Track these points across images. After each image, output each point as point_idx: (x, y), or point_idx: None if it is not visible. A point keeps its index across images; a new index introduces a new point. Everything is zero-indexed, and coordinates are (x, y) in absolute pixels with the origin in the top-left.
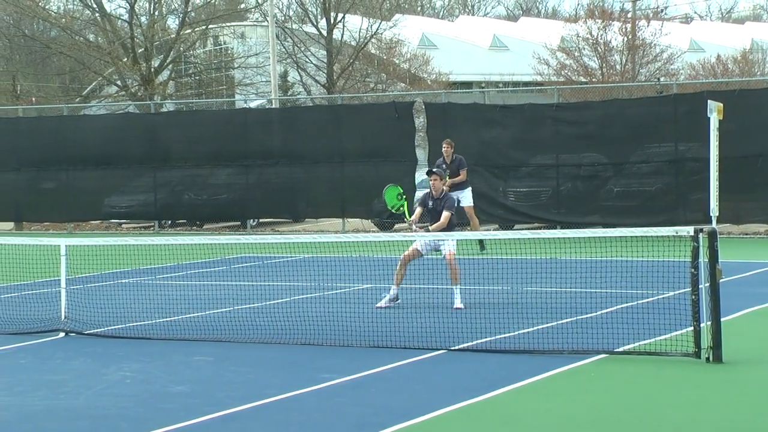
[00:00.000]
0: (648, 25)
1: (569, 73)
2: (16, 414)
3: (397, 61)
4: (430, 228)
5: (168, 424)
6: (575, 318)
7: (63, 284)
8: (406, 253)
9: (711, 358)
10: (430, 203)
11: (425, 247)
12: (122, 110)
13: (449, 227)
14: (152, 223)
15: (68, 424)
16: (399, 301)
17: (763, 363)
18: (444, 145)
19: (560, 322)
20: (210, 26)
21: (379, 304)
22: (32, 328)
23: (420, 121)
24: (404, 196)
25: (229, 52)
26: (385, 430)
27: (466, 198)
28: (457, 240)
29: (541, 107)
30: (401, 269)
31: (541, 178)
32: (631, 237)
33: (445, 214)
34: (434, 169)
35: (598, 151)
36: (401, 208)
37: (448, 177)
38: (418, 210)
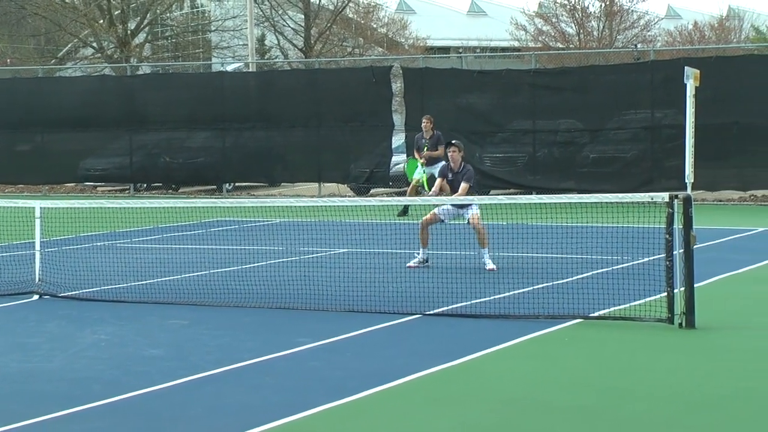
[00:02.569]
0: None
1: (547, 39)
2: None
3: (374, 26)
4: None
5: (142, 387)
6: (551, 283)
7: (37, 247)
8: (426, 217)
9: (684, 324)
10: (450, 175)
11: (446, 214)
12: (98, 72)
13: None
14: (127, 186)
15: (42, 386)
16: (428, 263)
17: (736, 329)
18: (424, 121)
19: (536, 287)
20: None
21: (409, 264)
22: (6, 291)
23: (397, 86)
24: (425, 170)
25: (206, 14)
26: (360, 393)
27: (436, 169)
28: (422, 204)
29: (519, 73)
30: (423, 232)
31: (518, 143)
32: (606, 203)
33: (464, 186)
34: (453, 141)
35: (574, 117)
36: (420, 180)
37: (425, 149)
38: (438, 181)
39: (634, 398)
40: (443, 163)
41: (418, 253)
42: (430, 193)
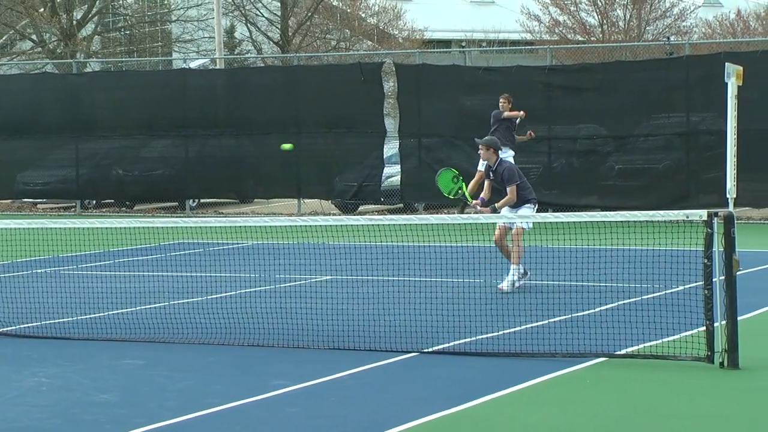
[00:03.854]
0: None
1: (564, 31)
2: None
3: (363, 15)
4: (496, 206)
5: None
6: (570, 316)
7: None
8: (496, 235)
9: (726, 363)
10: (491, 174)
11: (508, 221)
12: (38, 70)
13: (518, 199)
14: (73, 203)
15: None
16: (528, 275)
17: None
18: (501, 100)
19: (552, 320)
20: None
21: (505, 286)
22: None
23: (390, 85)
24: (460, 178)
25: (166, 2)
26: None
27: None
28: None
29: (531, 70)
30: (503, 249)
31: (531, 153)
32: (635, 222)
33: (510, 189)
34: (476, 138)
35: (597, 122)
36: (460, 191)
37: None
38: (486, 183)
39: None
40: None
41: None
42: (474, 203)
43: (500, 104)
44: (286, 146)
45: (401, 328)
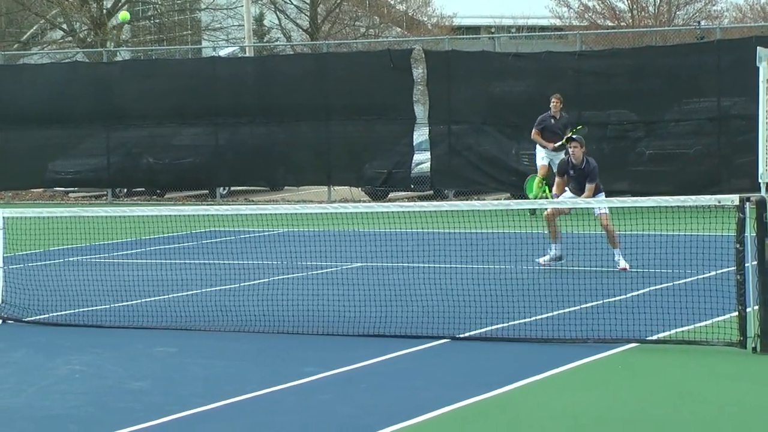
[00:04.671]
0: None
1: (593, 16)
2: None
3: (391, 2)
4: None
5: (124, 426)
6: (601, 302)
7: (0, 263)
8: (548, 210)
9: (758, 348)
10: (571, 172)
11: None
12: (69, 59)
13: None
14: (105, 192)
15: (5, 427)
16: (563, 260)
17: None
18: (553, 100)
19: (583, 306)
20: None
21: (540, 260)
22: None
23: (419, 72)
24: (545, 181)
25: None
26: None
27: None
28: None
29: (561, 56)
30: (550, 226)
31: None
32: (666, 207)
33: (589, 186)
34: (574, 136)
35: (627, 108)
36: (543, 195)
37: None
38: (558, 180)
39: None
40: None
41: (550, 250)
42: (553, 193)
43: (552, 104)
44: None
45: (432, 314)
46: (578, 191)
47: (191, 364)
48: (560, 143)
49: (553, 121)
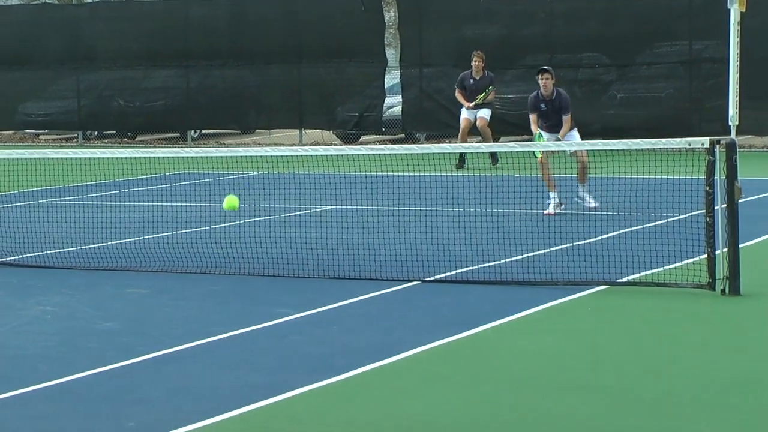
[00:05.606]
0: None
1: None
2: None
3: None
4: (558, 137)
5: (95, 366)
6: (571, 244)
7: None
8: (539, 157)
9: (727, 290)
10: (542, 107)
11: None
12: (38, 1)
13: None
14: (75, 134)
15: None
16: (564, 206)
17: None
18: (475, 58)
19: (554, 249)
20: None
21: (547, 211)
22: None
23: (390, 15)
24: (542, 136)
25: None
26: (349, 372)
27: (486, 112)
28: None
29: None
30: (545, 174)
31: (533, 82)
32: (637, 150)
33: (566, 118)
34: (545, 66)
35: (599, 51)
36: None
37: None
38: (532, 118)
39: (665, 376)
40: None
41: (549, 200)
42: (534, 131)
43: (473, 62)
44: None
45: (403, 257)
46: (553, 127)
47: (163, 305)
48: (475, 102)
49: (472, 81)
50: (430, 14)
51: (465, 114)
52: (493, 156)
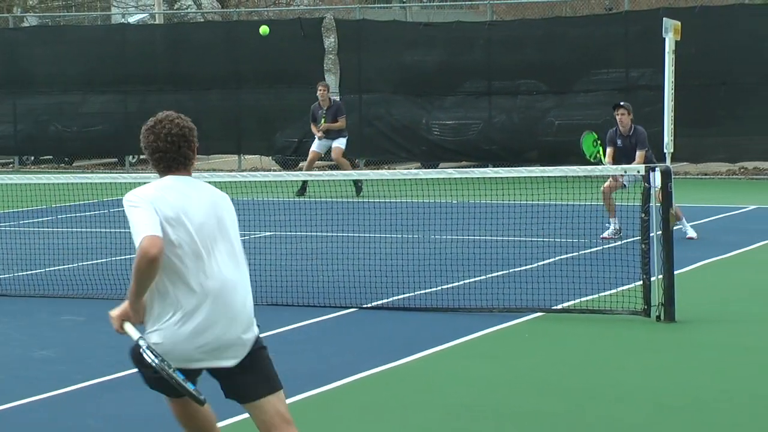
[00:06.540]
0: None
1: None
2: None
3: None
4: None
5: (30, 395)
6: (508, 271)
7: None
8: (606, 184)
9: (662, 317)
10: (619, 142)
11: (627, 178)
12: None
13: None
14: (11, 160)
15: None
16: (621, 233)
17: (721, 322)
18: (320, 88)
19: (490, 275)
20: None
21: (603, 235)
22: None
23: (330, 41)
24: (599, 142)
25: None
26: (287, 399)
27: (342, 141)
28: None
29: (472, 26)
30: (607, 200)
31: (471, 108)
32: (574, 177)
33: (639, 153)
34: (621, 102)
35: (537, 78)
36: (598, 155)
37: (323, 122)
38: (609, 150)
39: (602, 402)
40: (345, 136)
41: (608, 224)
42: (607, 161)
43: (318, 93)
44: (264, 30)
45: (340, 283)
46: (627, 161)
47: (99, 332)
48: (322, 131)
49: (320, 111)
50: (370, 41)
51: (314, 146)
52: (356, 184)
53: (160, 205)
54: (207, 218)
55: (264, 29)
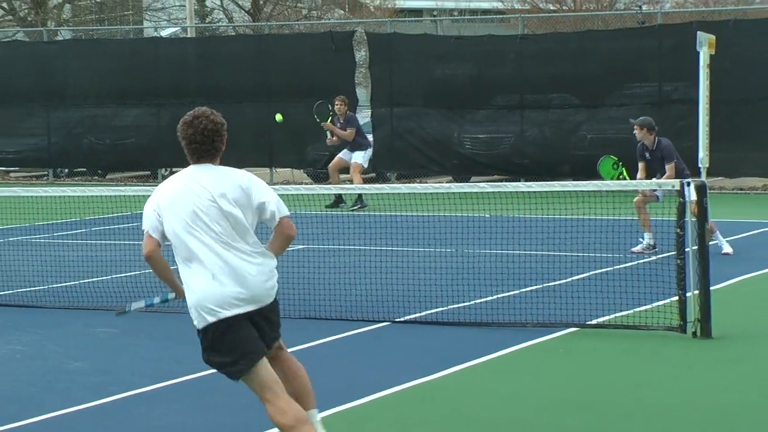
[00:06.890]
0: None
1: (536, 0)
2: None
3: None
4: None
5: (65, 407)
6: (541, 286)
7: None
8: (638, 198)
9: (698, 333)
10: (647, 155)
11: (660, 191)
12: (9, 38)
13: (678, 176)
14: (46, 172)
15: None
16: (656, 249)
17: (757, 338)
18: (337, 102)
19: (524, 290)
20: None
21: (634, 249)
22: None
23: (361, 54)
24: (620, 163)
25: None
26: (319, 415)
27: (359, 155)
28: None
29: (503, 39)
30: (641, 214)
31: (503, 122)
32: (607, 191)
33: (669, 166)
34: (631, 119)
35: (569, 92)
36: (620, 176)
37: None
38: (641, 165)
39: (637, 419)
40: (370, 149)
41: (642, 239)
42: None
43: (336, 107)
44: (279, 117)
45: (373, 297)
46: (656, 174)
47: (132, 344)
48: (333, 139)
49: (339, 124)
50: (401, 54)
51: (341, 153)
52: (338, 198)
53: (160, 199)
54: (209, 201)
55: (279, 117)
